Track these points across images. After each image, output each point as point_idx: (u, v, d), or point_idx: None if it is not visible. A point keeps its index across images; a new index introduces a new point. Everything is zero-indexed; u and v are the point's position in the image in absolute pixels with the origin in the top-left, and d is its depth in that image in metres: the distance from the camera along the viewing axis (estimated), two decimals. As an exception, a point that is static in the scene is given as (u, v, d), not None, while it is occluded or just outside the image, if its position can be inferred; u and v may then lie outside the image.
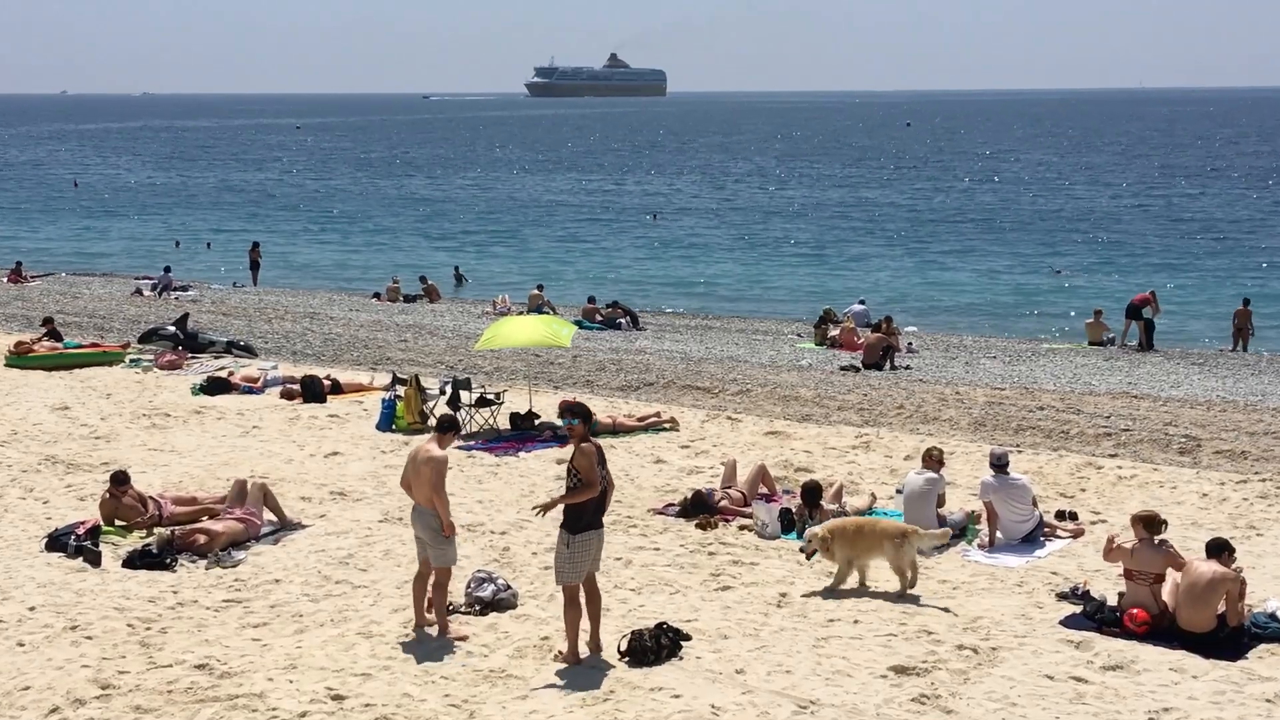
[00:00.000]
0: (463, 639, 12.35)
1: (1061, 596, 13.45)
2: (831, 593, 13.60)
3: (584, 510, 11.73)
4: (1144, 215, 72.90)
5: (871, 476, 18.52)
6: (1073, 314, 40.73)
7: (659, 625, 12.16)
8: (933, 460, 15.85)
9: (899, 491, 16.22)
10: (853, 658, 11.89)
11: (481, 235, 67.99)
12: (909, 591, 13.57)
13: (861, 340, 31.59)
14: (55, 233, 69.97)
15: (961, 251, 58.68)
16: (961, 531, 15.60)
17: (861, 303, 37.98)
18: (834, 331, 33.64)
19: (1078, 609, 13.00)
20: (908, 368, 29.44)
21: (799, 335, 35.59)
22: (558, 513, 11.85)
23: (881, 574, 13.94)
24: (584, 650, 11.92)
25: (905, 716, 10.78)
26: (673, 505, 16.85)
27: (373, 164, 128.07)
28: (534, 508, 12.19)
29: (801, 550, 14.27)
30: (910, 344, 32.75)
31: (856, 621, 12.80)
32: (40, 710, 10.92)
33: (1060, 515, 16.28)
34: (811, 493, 15.88)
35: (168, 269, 44.51)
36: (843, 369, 29.04)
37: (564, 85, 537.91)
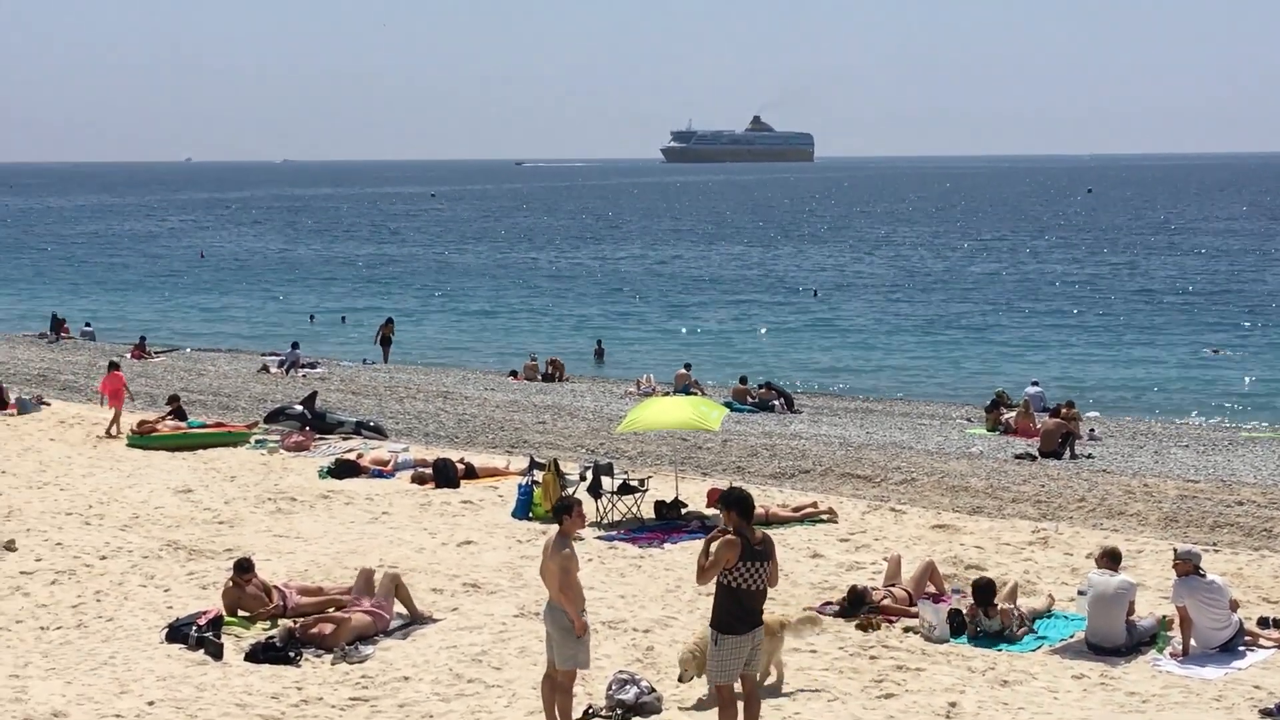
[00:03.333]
0: None
1: (1265, 714, 13.05)
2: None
3: (726, 608, 11.48)
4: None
5: (1050, 575, 18.18)
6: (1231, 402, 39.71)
7: (816, 735, 12.05)
8: (1112, 560, 15.54)
9: (1081, 593, 15.90)
10: (1030, 776, 11.65)
11: (622, 310, 68.63)
12: (769, 684, 13.56)
13: (1038, 426, 31.17)
14: (179, 306, 72.21)
15: (1151, 330, 57.70)
16: (1152, 639, 15.24)
17: (1036, 384, 37.52)
18: (1008, 416, 33.25)
19: (1285, 727, 12.62)
20: (1089, 456, 28.95)
21: (969, 420, 35.23)
22: (708, 608, 11.74)
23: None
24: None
25: (1090, 843, 10.53)
26: (830, 604, 16.71)
27: (505, 235, 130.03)
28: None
29: (680, 680, 13.62)
30: (1092, 430, 32.24)
31: (1034, 736, 12.55)
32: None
33: (1263, 622, 15.80)
34: (983, 591, 15.63)
35: (295, 345, 45.47)
36: (1017, 457, 28.66)
37: (702, 150, 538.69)
